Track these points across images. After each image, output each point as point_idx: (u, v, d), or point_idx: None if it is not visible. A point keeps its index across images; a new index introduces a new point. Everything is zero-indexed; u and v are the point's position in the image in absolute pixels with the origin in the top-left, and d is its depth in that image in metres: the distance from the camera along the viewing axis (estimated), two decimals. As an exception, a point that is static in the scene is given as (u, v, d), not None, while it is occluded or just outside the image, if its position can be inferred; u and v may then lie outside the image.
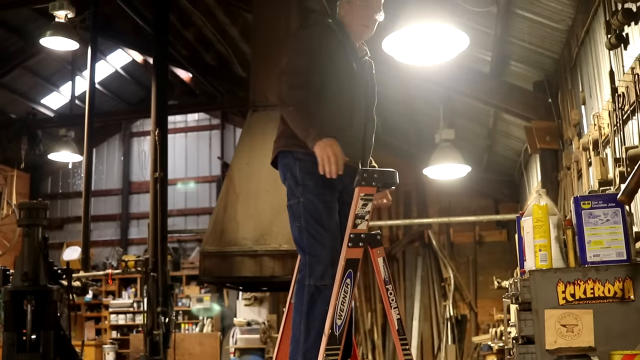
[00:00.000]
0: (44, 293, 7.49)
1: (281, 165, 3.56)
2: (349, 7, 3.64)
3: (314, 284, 3.27)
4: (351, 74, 3.57)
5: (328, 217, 3.38)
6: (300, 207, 3.40)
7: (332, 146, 3.22)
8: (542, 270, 2.94)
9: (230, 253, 5.84)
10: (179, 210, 18.11)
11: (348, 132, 3.48)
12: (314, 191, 3.38)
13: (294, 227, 3.46)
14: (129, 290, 17.80)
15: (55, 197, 19.30)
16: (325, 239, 3.34)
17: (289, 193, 3.50)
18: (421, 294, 12.97)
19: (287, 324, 3.56)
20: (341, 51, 3.57)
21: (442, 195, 13.22)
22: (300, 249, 3.42)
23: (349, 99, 3.52)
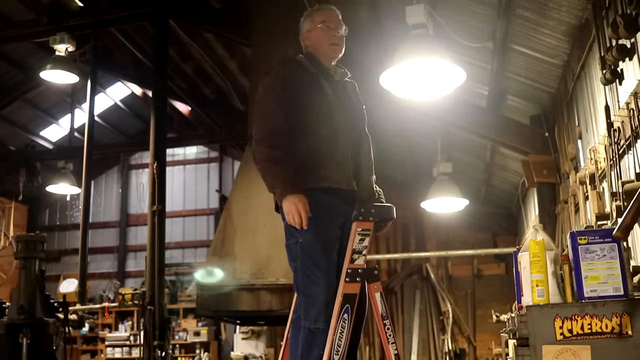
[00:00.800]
0: (40, 326, 7.45)
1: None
2: (311, 34, 3.70)
3: (309, 327, 3.26)
4: (328, 103, 3.57)
5: (325, 259, 3.35)
6: (298, 248, 3.40)
7: (296, 202, 3.27)
8: (540, 306, 2.94)
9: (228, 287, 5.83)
10: (177, 242, 18.08)
11: (335, 158, 3.49)
12: (314, 232, 3.37)
13: (291, 267, 3.47)
14: (126, 323, 17.68)
15: (52, 229, 19.26)
16: (320, 279, 3.31)
17: (288, 232, 3.51)
18: (419, 328, 12.90)
19: (284, 358, 3.54)
20: (314, 83, 3.59)
21: (440, 228, 13.21)
22: (296, 289, 3.42)
23: (329, 127, 3.53)
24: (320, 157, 3.46)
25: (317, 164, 3.45)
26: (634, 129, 4.48)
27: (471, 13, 7.09)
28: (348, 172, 3.53)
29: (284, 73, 3.59)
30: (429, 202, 10.46)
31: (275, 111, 3.46)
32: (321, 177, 3.44)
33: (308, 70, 3.62)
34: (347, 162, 3.55)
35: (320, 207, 3.38)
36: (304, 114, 3.51)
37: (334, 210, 3.42)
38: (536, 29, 6.56)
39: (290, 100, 3.49)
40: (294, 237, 3.44)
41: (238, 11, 9.97)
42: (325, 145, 3.50)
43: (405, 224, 13.74)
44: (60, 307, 7.88)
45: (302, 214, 3.25)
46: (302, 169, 3.43)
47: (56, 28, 9.51)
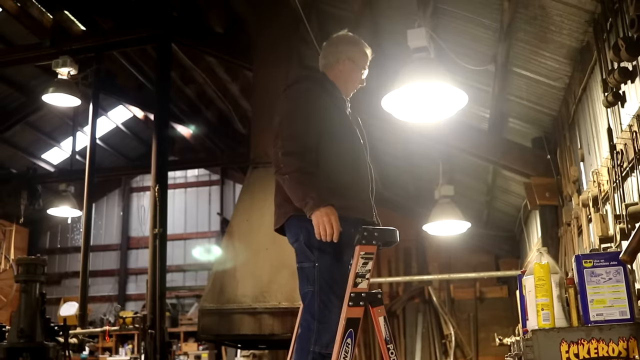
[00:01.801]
0: (40, 350, 7.40)
1: (294, 227, 3.49)
2: (349, 66, 3.69)
3: (319, 351, 3.23)
4: (348, 127, 3.58)
5: (342, 286, 3.29)
6: (316, 272, 3.36)
7: (329, 214, 3.22)
8: (545, 330, 2.91)
9: (229, 311, 5.78)
10: (178, 265, 18.03)
11: (357, 187, 3.48)
12: (333, 257, 3.35)
13: (306, 291, 3.39)
14: (126, 346, 17.57)
15: (53, 251, 19.23)
16: (336, 307, 3.27)
17: (301, 255, 3.45)
18: (422, 351, 12.81)
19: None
20: (333, 105, 3.59)
21: (442, 251, 13.17)
22: (308, 313, 3.36)
23: (351, 152, 3.52)
24: (347, 184, 3.44)
25: (345, 192, 3.42)
26: (637, 151, 4.46)
27: (472, 36, 7.11)
28: (370, 203, 3.52)
29: (309, 89, 3.56)
30: (430, 225, 10.43)
31: (308, 125, 3.41)
32: (350, 207, 3.42)
33: (329, 90, 3.61)
34: (369, 193, 3.54)
35: (344, 236, 3.33)
36: (328, 134, 3.48)
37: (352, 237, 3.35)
38: (537, 52, 6.58)
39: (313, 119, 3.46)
40: (310, 260, 3.38)
41: (240, 35, 10.02)
42: (351, 173, 3.49)
43: (407, 247, 13.70)
44: (61, 331, 7.84)
45: (334, 226, 3.21)
46: (329, 194, 3.37)
47: (59, 51, 9.56)
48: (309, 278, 3.37)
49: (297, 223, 3.46)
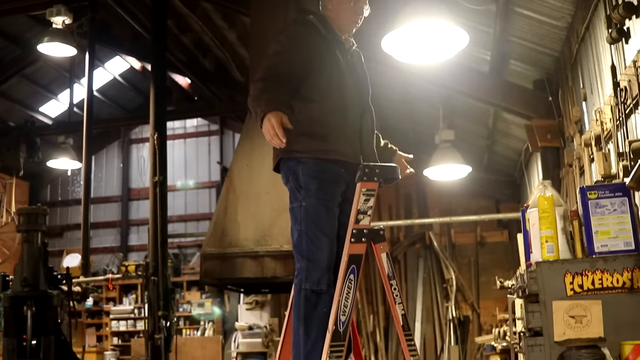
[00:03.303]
0: (44, 298, 7.43)
1: (284, 169, 3.51)
2: (337, 5, 3.62)
3: (311, 288, 3.24)
4: (339, 69, 3.52)
5: (328, 223, 3.34)
6: (302, 211, 3.36)
7: (273, 120, 3.16)
8: (550, 262, 2.90)
9: (231, 254, 5.78)
10: (179, 216, 18.09)
11: (344, 129, 3.45)
12: (316, 195, 3.34)
13: (295, 231, 3.41)
14: (130, 296, 17.75)
15: (54, 204, 19.26)
16: (324, 244, 3.30)
17: (292, 196, 3.47)
18: (423, 296, 12.91)
19: (288, 326, 3.51)
20: (324, 47, 3.53)
21: (443, 196, 13.17)
22: (298, 253, 3.36)
23: (339, 94, 3.48)
24: (330, 127, 3.41)
25: (327, 135, 3.40)
26: (641, 87, 4.40)
27: (473, -25, 6.99)
28: (356, 145, 3.49)
29: (299, 32, 3.52)
30: (431, 169, 10.40)
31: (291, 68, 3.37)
32: (330, 150, 3.39)
33: (321, 34, 3.55)
34: (356, 136, 3.51)
35: (326, 172, 3.36)
36: (315, 77, 3.45)
37: (338, 177, 3.39)
38: (540, -10, 6.47)
39: (302, 60, 3.42)
40: (298, 200, 3.40)
41: (236, -21, 9.85)
42: (336, 116, 3.45)
43: (407, 193, 13.71)
44: (64, 280, 7.86)
45: (278, 133, 3.15)
46: (311, 137, 3.38)
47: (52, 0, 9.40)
48: (297, 218, 3.37)
49: (286, 164, 3.48)
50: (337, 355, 2.90)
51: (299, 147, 3.38)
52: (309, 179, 3.37)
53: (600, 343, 2.66)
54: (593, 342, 2.66)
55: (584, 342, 2.67)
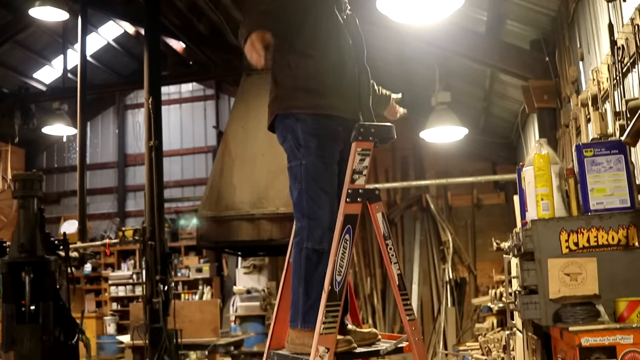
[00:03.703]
0: (42, 264, 7.45)
1: (280, 127, 3.46)
2: None
3: (312, 247, 3.22)
4: (337, 25, 3.48)
5: (329, 181, 3.32)
6: (302, 169, 3.33)
7: (257, 34, 3.13)
8: (545, 220, 2.89)
9: (228, 217, 5.78)
10: (176, 181, 18.11)
11: (342, 86, 3.41)
12: (316, 153, 3.31)
13: (294, 190, 3.38)
14: (128, 262, 17.83)
15: (51, 171, 19.25)
16: (325, 202, 3.28)
17: (290, 155, 3.42)
18: (420, 258, 12.97)
19: (284, 289, 3.52)
20: (321, 1, 3.48)
21: (439, 158, 13.17)
22: (298, 212, 3.35)
23: (337, 50, 3.43)
24: (328, 83, 3.37)
25: (325, 91, 3.36)
26: (639, 44, 4.36)
27: None
28: (355, 103, 3.46)
29: None
30: (427, 131, 10.37)
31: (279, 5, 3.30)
32: (327, 106, 3.35)
33: None
34: (355, 93, 3.48)
35: (325, 129, 3.33)
36: (311, 32, 3.40)
37: (336, 134, 3.36)
38: (536, -53, 6.38)
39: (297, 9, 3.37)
40: (297, 159, 3.36)
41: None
42: (334, 72, 3.40)
43: (404, 156, 13.70)
44: (61, 245, 7.87)
45: (258, 51, 3.12)
46: (308, 93, 3.34)
47: (43, -38, 9.27)
48: (297, 177, 3.34)
49: (282, 121, 3.43)
50: (333, 315, 2.91)
51: (297, 103, 3.34)
52: (308, 136, 3.33)
53: (595, 300, 2.67)
54: (588, 299, 2.66)
55: (578, 299, 2.67)
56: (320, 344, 2.86)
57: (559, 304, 2.75)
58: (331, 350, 2.87)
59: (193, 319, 8.32)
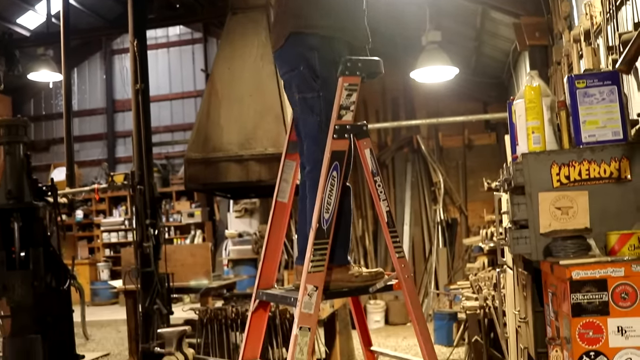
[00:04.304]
0: (30, 210, 7.39)
1: (293, 54, 3.30)
2: None
3: None
4: None
5: None
6: (321, 102, 3.20)
7: None
8: (536, 153, 2.83)
9: (215, 159, 5.70)
10: (166, 126, 17.99)
11: (353, 10, 3.32)
12: (335, 84, 3.13)
13: (311, 122, 3.24)
14: (120, 208, 17.83)
15: (39, 119, 19.11)
16: None
17: (304, 85, 3.26)
18: (411, 199, 12.97)
19: (273, 226, 3.47)
20: None
21: (430, 99, 13.06)
22: (314, 145, 3.21)
23: None
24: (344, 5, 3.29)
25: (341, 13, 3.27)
26: (632, -24, 4.25)
27: None
28: (367, 32, 3.38)
29: None
30: (418, 71, 10.24)
31: None
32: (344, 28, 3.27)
33: None
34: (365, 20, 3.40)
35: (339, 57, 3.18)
36: None
37: None
38: None
39: None
40: (315, 90, 3.22)
41: None
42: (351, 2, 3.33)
43: (394, 97, 13.58)
44: (49, 191, 7.80)
45: None
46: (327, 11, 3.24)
47: None
48: (314, 108, 3.22)
49: (295, 47, 3.28)
50: (321, 253, 2.87)
51: (315, 22, 3.22)
52: (325, 67, 3.21)
53: (586, 233, 2.63)
54: (579, 232, 2.62)
55: (569, 232, 2.63)
56: (309, 282, 2.83)
57: (550, 238, 2.71)
58: (320, 289, 2.84)
59: (185, 263, 8.32)
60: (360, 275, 3.20)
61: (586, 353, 2.38)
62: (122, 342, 10.94)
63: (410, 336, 10.70)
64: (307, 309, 2.80)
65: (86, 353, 9.63)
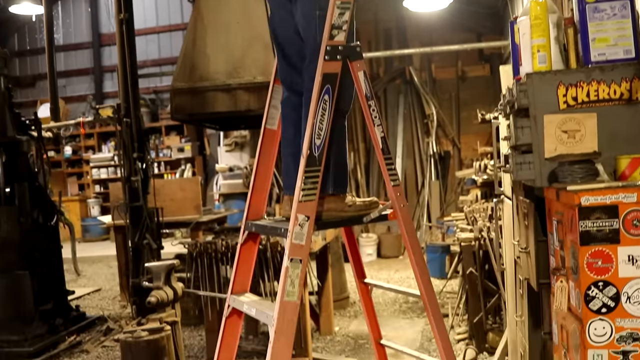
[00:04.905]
0: (13, 144, 7.22)
1: None
2: None
3: None
4: None
5: None
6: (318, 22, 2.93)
7: None
8: (541, 73, 2.64)
9: (202, 88, 5.49)
10: (153, 60, 17.65)
11: None
12: None
13: (312, 17, 2.95)
14: (109, 144, 17.64)
15: (23, 54, 18.73)
16: None
17: (316, 4, 2.95)
18: (404, 132, 12.79)
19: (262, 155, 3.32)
20: None
21: (423, 30, 12.74)
22: (314, 39, 2.96)
23: None
24: None
25: None
26: None
27: None
28: None
29: None
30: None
31: None
32: None
33: None
34: None
35: None
36: None
37: None
38: None
39: None
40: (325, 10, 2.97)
41: None
42: None
43: (387, 29, 13.25)
44: (33, 125, 7.61)
45: None
46: None
47: None
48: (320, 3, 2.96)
49: None
50: (312, 181, 2.71)
51: None
52: None
53: (595, 157, 2.47)
54: (587, 157, 2.46)
55: (576, 157, 2.47)
56: (300, 212, 2.67)
57: (555, 163, 2.55)
58: (311, 219, 2.69)
59: (174, 197, 8.19)
60: (354, 205, 3.05)
61: (594, 283, 2.25)
62: (113, 278, 10.89)
63: (402, 269, 10.67)
64: (298, 239, 2.66)
65: (77, 289, 9.59)
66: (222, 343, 3.22)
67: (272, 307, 2.72)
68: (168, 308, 4.99)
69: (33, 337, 6.90)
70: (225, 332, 3.22)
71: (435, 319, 3.04)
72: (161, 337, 4.54)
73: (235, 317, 3.23)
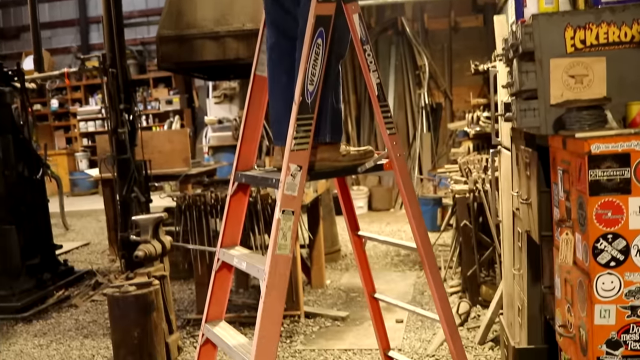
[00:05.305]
0: (-4, 95, 7.04)
1: None
2: None
3: None
4: None
5: None
6: None
7: None
8: (548, 14, 2.50)
9: (190, 36, 5.30)
10: (140, 11, 17.31)
11: None
12: None
13: None
14: (96, 96, 17.38)
15: (6, 4, 18.34)
16: None
17: None
18: (395, 84, 12.60)
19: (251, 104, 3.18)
20: None
21: (416, -21, 12.47)
22: None
23: None
24: None
25: None
26: None
27: None
28: None
29: None
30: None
31: None
32: None
33: None
34: None
35: None
36: None
37: None
38: None
39: None
40: None
41: None
42: None
43: (379, -22, 12.97)
44: (16, 76, 7.41)
45: None
46: None
47: None
48: None
49: None
50: (305, 129, 2.57)
51: None
52: None
53: (604, 103, 2.34)
54: (596, 102, 2.34)
55: (585, 103, 2.35)
56: (292, 161, 2.55)
57: (561, 109, 2.43)
58: (304, 168, 2.56)
59: (162, 150, 8.04)
60: (348, 154, 2.93)
61: (603, 235, 2.14)
62: (102, 232, 10.79)
63: (393, 222, 10.61)
64: (290, 190, 2.54)
65: (66, 243, 9.48)
66: (212, 297, 3.13)
67: (263, 261, 2.61)
68: (156, 262, 4.89)
69: (20, 292, 6.81)
70: (215, 286, 3.12)
71: (432, 272, 2.95)
72: (149, 291, 4.45)
73: (225, 271, 3.13)
